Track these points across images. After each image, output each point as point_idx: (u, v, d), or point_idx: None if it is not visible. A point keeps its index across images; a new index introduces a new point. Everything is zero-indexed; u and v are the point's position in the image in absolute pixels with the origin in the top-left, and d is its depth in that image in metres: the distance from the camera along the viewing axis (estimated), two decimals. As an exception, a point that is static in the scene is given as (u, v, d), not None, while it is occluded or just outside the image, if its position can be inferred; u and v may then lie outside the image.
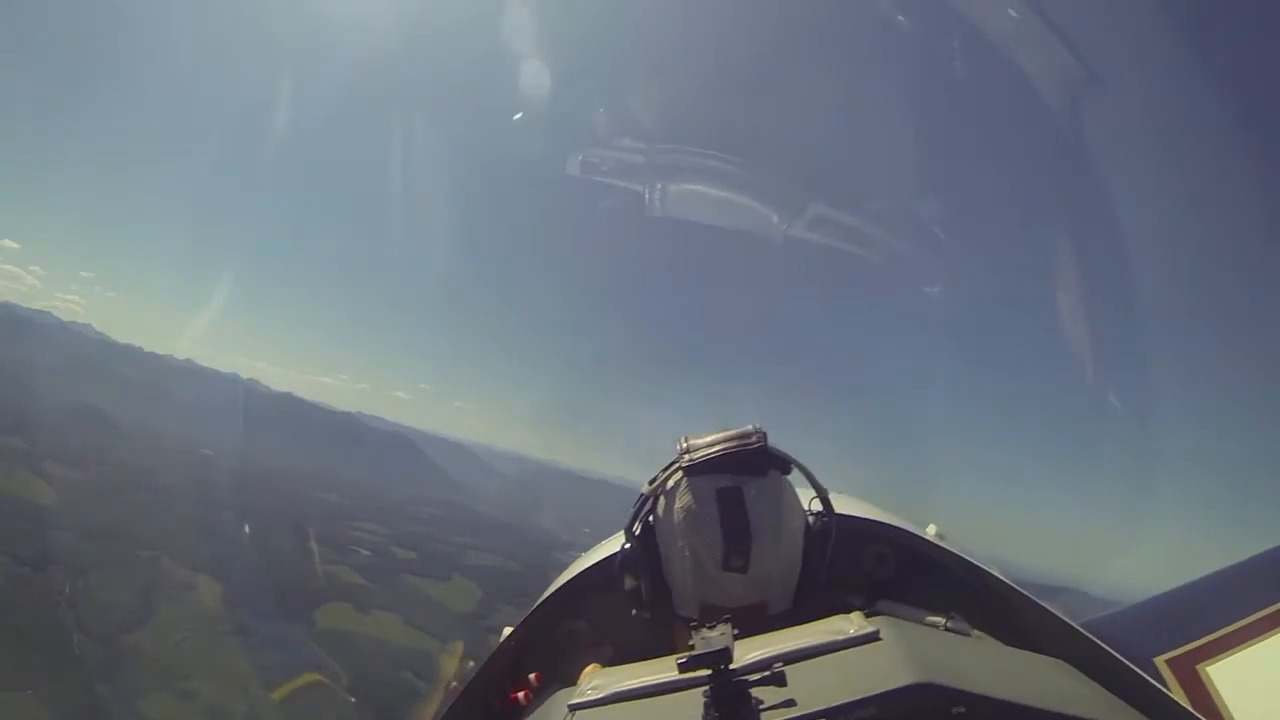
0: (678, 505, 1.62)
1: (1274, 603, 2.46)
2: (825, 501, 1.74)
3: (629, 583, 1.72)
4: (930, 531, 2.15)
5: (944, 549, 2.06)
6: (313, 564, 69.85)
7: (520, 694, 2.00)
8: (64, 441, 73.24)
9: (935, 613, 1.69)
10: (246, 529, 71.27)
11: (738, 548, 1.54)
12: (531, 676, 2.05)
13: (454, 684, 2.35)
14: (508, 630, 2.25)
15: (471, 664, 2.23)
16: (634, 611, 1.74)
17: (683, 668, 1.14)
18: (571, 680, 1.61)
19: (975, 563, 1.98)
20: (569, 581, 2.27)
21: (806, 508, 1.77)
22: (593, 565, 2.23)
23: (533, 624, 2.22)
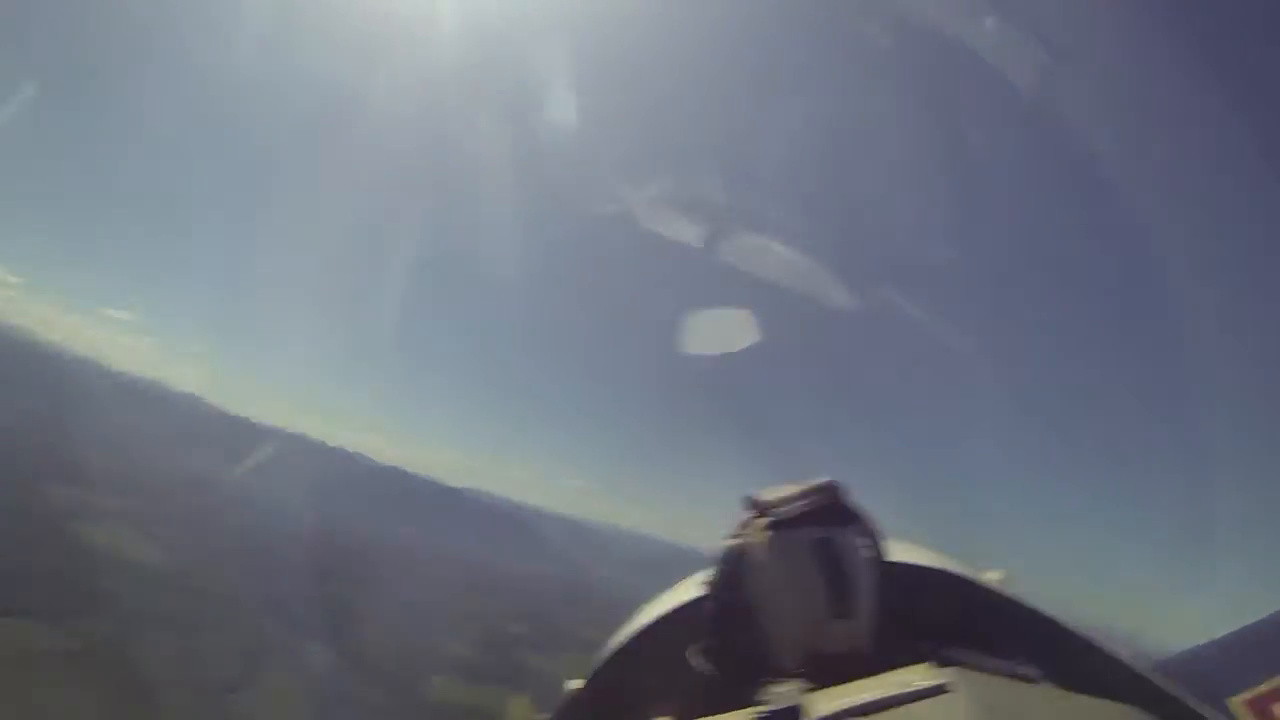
0: (777, 559, 1.65)
1: None
2: (884, 548, 1.77)
3: (716, 640, 1.75)
4: (994, 578, 2.13)
5: (1008, 596, 2.04)
6: (421, 637, 67.87)
7: None
8: (174, 507, 72.92)
9: (1002, 660, 1.63)
10: (352, 599, 69.95)
11: (842, 595, 1.59)
12: None
13: None
14: (574, 684, 2.26)
15: (542, 718, 2.26)
16: (710, 667, 1.76)
17: None
18: None
19: (1039, 609, 1.98)
20: (635, 635, 2.24)
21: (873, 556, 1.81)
22: (658, 619, 2.21)
23: (599, 679, 2.23)
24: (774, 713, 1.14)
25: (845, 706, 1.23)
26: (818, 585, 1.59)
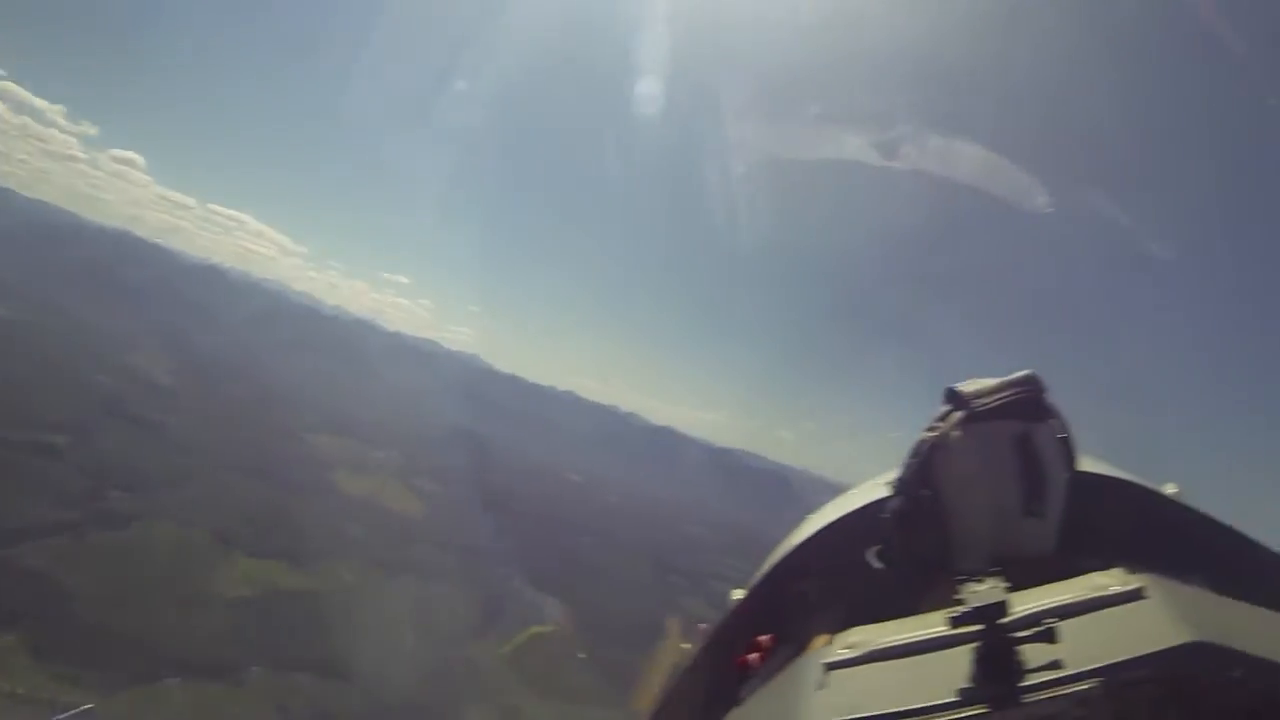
0: (972, 452, 1.59)
1: None
2: (1073, 452, 1.68)
3: (904, 539, 1.67)
4: (1169, 490, 2.07)
5: (1190, 509, 1.97)
6: (668, 595, 64.69)
7: (754, 655, 1.92)
8: (438, 459, 76.92)
9: (1182, 572, 1.46)
10: (602, 555, 68.65)
11: (1037, 493, 1.54)
12: (764, 639, 1.96)
13: (686, 646, 2.32)
14: (738, 592, 2.21)
15: (703, 626, 2.23)
16: (890, 569, 1.72)
17: (955, 622, 1.10)
18: (803, 642, 1.57)
19: (1223, 523, 1.93)
20: (800, 543, 2.18)
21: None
22: (826, 525, 2.16)
23: (764, 586, 2.18)
24: (976, 609, 1.09)
25: (1045, 608, 1.19)
26: (1013, 481, 1.53)
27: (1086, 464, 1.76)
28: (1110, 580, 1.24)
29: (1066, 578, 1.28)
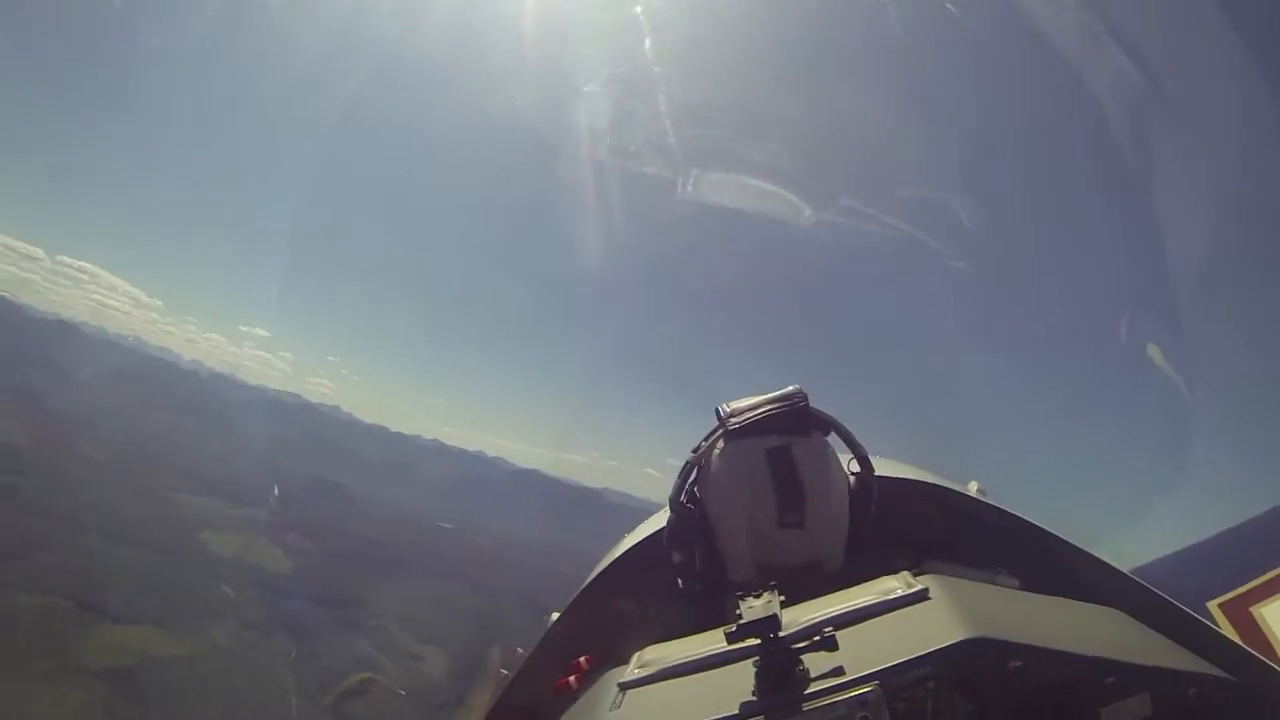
0: (727, 468, 1.65)
1: None
2: (865, 461, 1.75)
3: (678, 556, 1.73)
4: (972, 488, 2.14)
5: (988, 504, 2.05)
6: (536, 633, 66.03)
7: (571, 678, 1.98)
8: (305, 514, 75.85)
9: (984, 569, 1.66)
10: (474, 601, 69.97)
11: (792, 503, 1.58)
12: (582, 660, 2.02)
13: (504, 672, 2.36)
14: (555, 615, 2.27)
15: (520, 651, 2.29)
16: (683, 585, 1.76)
17: (731, 638, 1.14)
18: (623, 661, 1.59)
19: (1021, 516, 1.96)
20: (614, 562, 2.25)
21: (847, 469, 1.79)
22: (637, 544, 2.22)
23: (580, 607, 2.23)
24: (746, 626, 1.11)
25: (824, 617, 1.24)
26: (766, 494, 1.57)
27: (884, 468, 1.83)
28: (895, 584, 1.33)
29: (855, 584, 1.38)
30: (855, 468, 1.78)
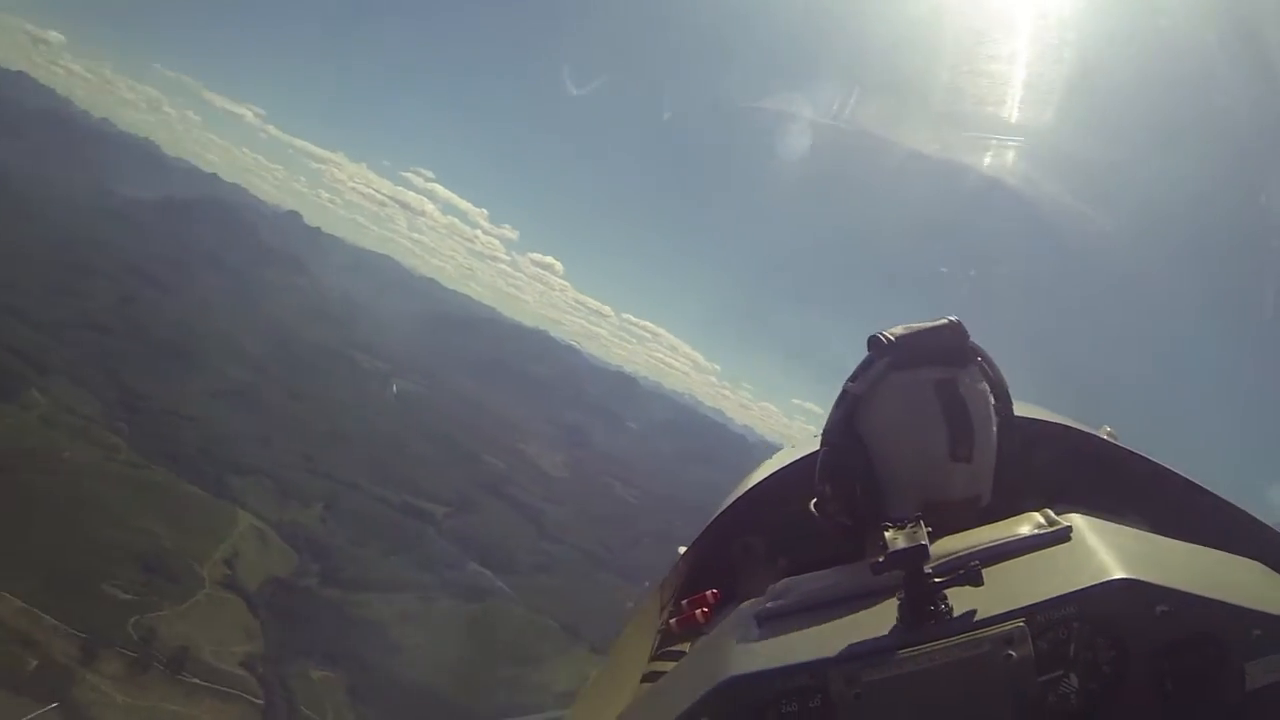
0: (896, 401, 1.60)
1: None
2: (1006, 397, 1.70)
3: (830, 489, 1.67)
4: (1103, 432, 2.11)
5: (1124, 449, 2.02)
6: None
7: (698, 611, 1.99)
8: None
9: (1114, 514, 1.56)
10: None
11: (963, 438, 1.53)
12: (709, 594, 2.03)
13: (631, 605, 2.36)
14: (682, 549, 2.28)
15: (647, 584, 2.30)
16: (828, 519, 1.70)
17: (877, 568, 1.15)
18: (752, 595, 1.55)
19: (1156, 461, 1.95)
20: (741, 497, 2.26)
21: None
22: (765, 479, 2.23)
23: (706, 542, 2.24)
24: (897, 555, 1.12)
25: (969, 551, 1.24)
26: (938, 427, 1.52)
27: (1019, 409, 1.68)
28: (1039, 521, 1.29)
29: (997, 521, 1.33)
30: (1002, 401, 1.68)
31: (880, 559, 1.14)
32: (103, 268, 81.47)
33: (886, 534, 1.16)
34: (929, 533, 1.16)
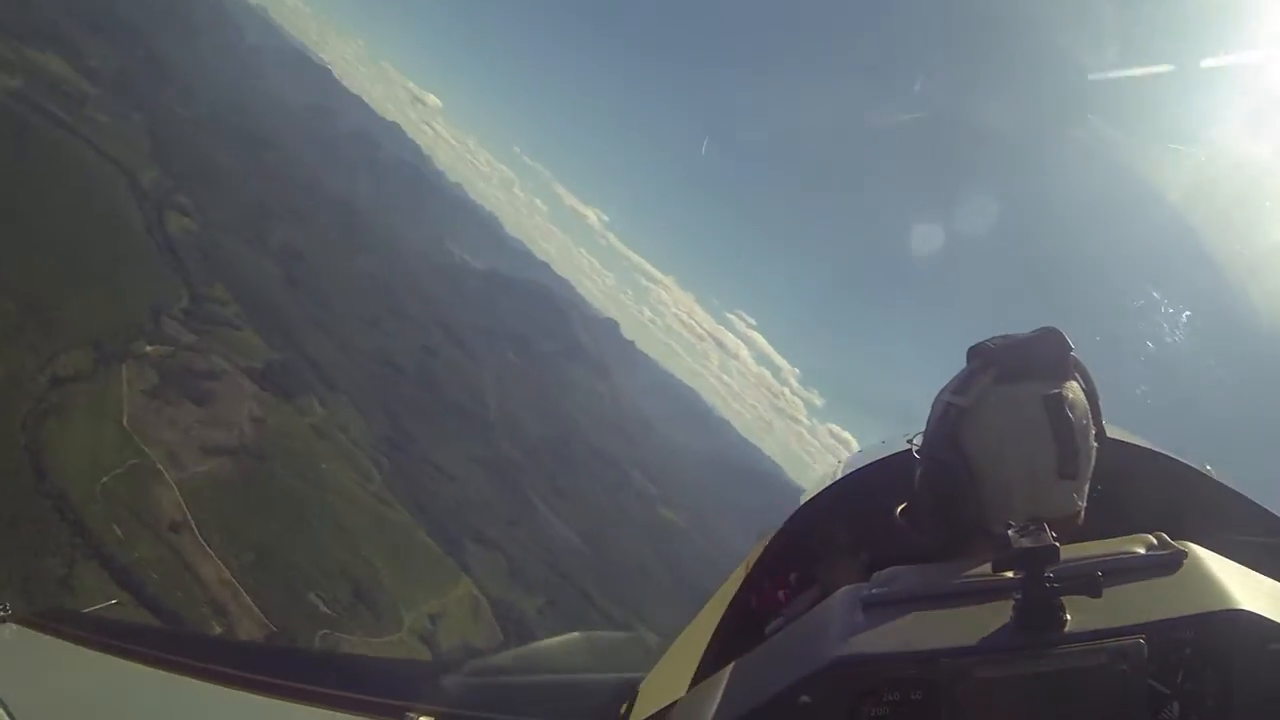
0: (1005, 414, 1.51)
1: None
2: (1099, 411, 1.61)
3: (931, 501, 1.58)
4: (1206, 469, 2.04)
5: (1225, 486, 1.96)
6: None
7: (780, 593, 2.07)
8: None
9: (1216, 549, 1.42)
10: None
11: (1070, 454, 1.46)
12: (791, 577, 2.10)
13: (725, 585, 2.29)
14: (768, 533, 2.27)
15: (744, 563, 2.26)
16: (922, 532, 1.64)
17: (998, 565, 1.12)
18: (829, 584, 1.62)
19: (1258, 504, 1.90)
20: (825, 490, 2.26)
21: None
22: (850, 474, 2.25)
23: (791, 529, 2.22)
24: (1022, 554, 1.08)
25: (1089, 559, 1.21)
26: (1048, 443, 1.45)
27: (1109, 430, 1.64)
28: (1150, 543, 1.26)
29: (1090, 539, 1.30)
30: (1098, 415, 1.61)
31: (1004, 556, 1.09)
32: (417, 315, 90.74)
33: (1010, 533, 1.11)
34: (1053, 536, 1.10)
